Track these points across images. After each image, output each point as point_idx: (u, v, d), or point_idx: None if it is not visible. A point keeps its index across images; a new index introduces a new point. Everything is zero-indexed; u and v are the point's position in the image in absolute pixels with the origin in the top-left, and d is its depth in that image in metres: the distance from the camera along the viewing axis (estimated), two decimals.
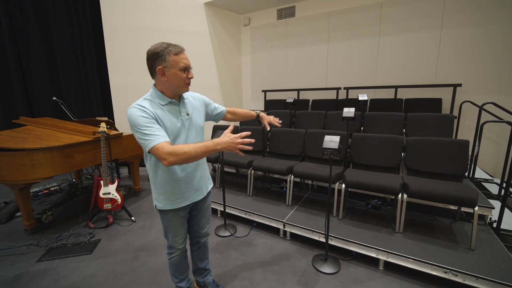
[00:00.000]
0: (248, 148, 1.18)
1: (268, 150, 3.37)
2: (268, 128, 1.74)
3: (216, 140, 1.16)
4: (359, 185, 2.29)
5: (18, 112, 4.59)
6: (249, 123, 4.08)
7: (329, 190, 1.98)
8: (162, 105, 1.24)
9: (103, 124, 2.71)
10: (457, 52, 3.66)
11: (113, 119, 4.61)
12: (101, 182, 2.68)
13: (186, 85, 1.26)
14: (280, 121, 1.81)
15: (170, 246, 1.49)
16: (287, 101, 3.68)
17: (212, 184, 1.57)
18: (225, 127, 3.39)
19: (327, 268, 1.94)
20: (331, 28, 4.64)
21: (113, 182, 2.74)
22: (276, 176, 3.32)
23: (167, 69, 1.19)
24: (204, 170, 1.45)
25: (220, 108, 1.62)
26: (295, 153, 3.10)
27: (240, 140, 1.16)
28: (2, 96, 4.61)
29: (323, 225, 2.23)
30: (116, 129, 3.51)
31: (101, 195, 2.67)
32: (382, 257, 1.94)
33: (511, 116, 2.70)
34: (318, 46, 4.82)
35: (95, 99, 5.30)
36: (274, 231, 2.50)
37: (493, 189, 2.89)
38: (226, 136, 1.17)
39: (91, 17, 4.99)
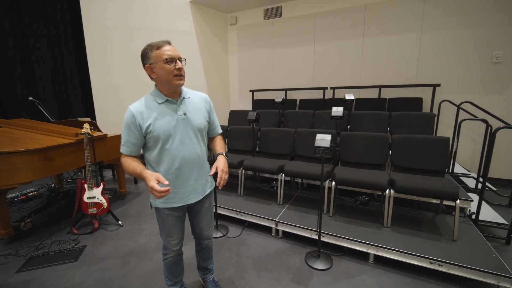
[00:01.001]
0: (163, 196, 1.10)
1: (258, 149, 3.37)
2: (212, 173, 1.32)
3: (147, 175, 1.13)
4: (349, 182, 2.35)
5: None
6: (238, 123, 4.07)
7: (321, 188, 2.02)
8: (159, 103, 1.25)
9: (86, 125, 2.59)
10: (436, 54, 3.85)
11: (95, 120, 4.43)
12: (85, 185, 2.56)
13: (175, 78, 1.21)
14: (222, 184, 1.30)
15: (165, 247, 1.48)
16: (275, 100, 3.71)
17: (211, 188, 1.50)
18: None
19: (320, 265, 1.98)
20: (317, 29, 4.72)
21: (98, 186, 2.63)
22: (267, 175, 3.34)
23: (153, 65, 1.20)
24: (201, 172, 1.39)
25: (216, 128, 1.51)
26: (285, 152, 3.13)
27: (156, 193, 1.07)
28: None
29: (315, 223, 2.26)
30: (100, 130, 3.37)
31: (85, 199, 2.55)
32: (372, 251, 2.00)
33: (486, 114, 2.87)
34: (305, 46, 4.89)
35: (75, 99, 5.05)
36: (267, 230, 2.51)
37: (470, 183, 3.07)
38: (151, 180, 1.09)
39: (69, 14, 4.75)
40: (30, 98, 3.37)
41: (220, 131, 1.54)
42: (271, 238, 2.41)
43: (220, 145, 1.49)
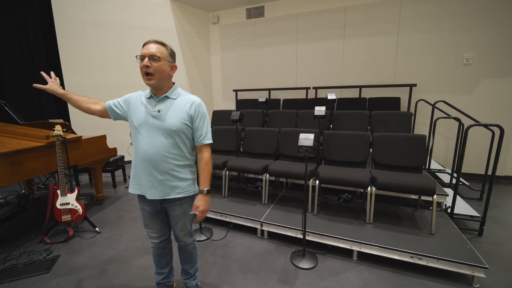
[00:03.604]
0: None
1: (242, 150, 3.34)
2: (192, 212, 1.40)
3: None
4: (332, 181, 2.38)
5: None
6: (222, 124, 4.02)
7: (305, 187, 2.02)
8: (147, 98, 1.36)
9: (58, 127, 2.42)
10: (412, 55, 4.02)
11: (69, 122, 4.19)
12: (58, 191, 2.40)
13: (144, 75, 1.29)
14: (199, 219, 1.44)
15: (148, 236, 1.54)
16: (259, 100, 3.69)
17: (185, 195, 1.39)
18: None
19: (305, 264, 1.98)
20: (299, 29, 4.77)
21: (72, 191, 2.47)
22: (251, 175, 3.31)
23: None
24: (161, 173, 1.32)
25: (201, 136, 1.38)
26: (269, 152, 3.12)
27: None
28: None
29: (299, 222, 2.27)
30: (74, 132, 3.18)
31: (58, 206, 2.39)
32: (356, 248, 2.03)
33: (458, 113, 3.03)
34: (287, 46, 4.92)
35: (47, 99, 4.75)
36: (252, 231, 2.48)
37: (445, 178, 3.22)
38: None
39: (39, 8, 4.45)
40: None
41: (207, 141, 1.39)
42: (256, 239, 2.39)
43: (204, 175, 1.39)
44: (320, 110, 2.68)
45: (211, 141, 1.41)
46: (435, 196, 2.04)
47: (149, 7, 4.64)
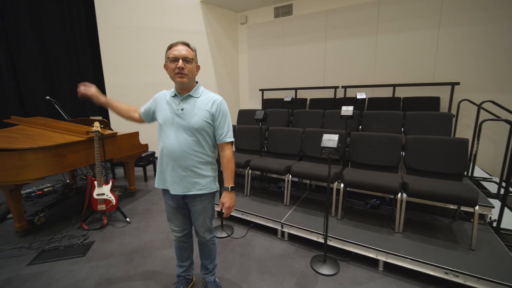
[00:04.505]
0: None
1: (265, 149, 3.32)
2: (219, 209, 1.45)
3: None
4: (357, 185, 2.26)
5: (10, 111, 4.49)
6: (247, 123, 4.04)
7: (327, 190, 1.95)
8: (171, 96, 1.42)
9: (96, 124, 2.64)
10: (455, 51, 3.64)
11: (108, 119, 4.54)
12: (95, 182, 2.62)
13: (176, 75, 1.32)
14: (226, 215, 1.47)
15: (171, 229, 1.60)
16: (284, 100, 3.64)
17: (206, 192, 1.44)
18: None
19: (325, 270, 1.90)
20: (328, 27, 4.61)
21: (107, 183, 2.68)
22: (274, 175, 3.28)
23: (166, 64, 1.36)
24: (183, 169, 1.37)
25: (222, 135, 1.41)
26: (293, 152, 3.06)
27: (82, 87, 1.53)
28: None
29: (321, 225, 2.19)
30: (110, 129, 3.44)
31: (95, 196, 2.61)
32: (382, 257, 1.90)
33: (509, 115, 2.68)
34: (315, 44, 4.79)
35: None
36: (272, 231, 2.46)
37: (492, 188, 2.87)
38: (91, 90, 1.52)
39: (85, 16, 4.91)
40: (47, 97, 3.50)
41: (228, 139, 1.42)
42: (276, 240, 2.36)
43: (227, 172, 1.43)
44: (347, 110, 2.55)
45: (232, 139, 1.45)
46: (477, 207, 1.83)
47: (181, 11, 4.84)
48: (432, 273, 1.73)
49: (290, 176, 2.64)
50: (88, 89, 1.52)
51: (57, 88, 4.94)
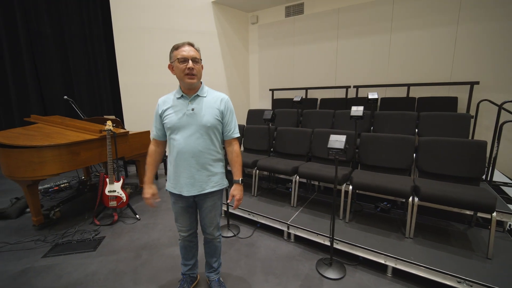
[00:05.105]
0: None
1: (273, 149, 3.30)
2: (229, 200, 1.59)
3: (146, 188, 1.49)
4: (367, 187, 2.19)
5: (32, 110, 4.74)
6: (256, 123, 4.04)
7: (334, 192, 1.90)
8: (177, 98, 1.41)
9: (109, 123, 2.73)
10: (474, 49, 3.47)
11: (122, 118, 4.68)
12: (107, 179, 2.70)
13: (186, 76, 1.33)
14: (236, 207, 1.59)
15: (177, 229, 1.62)
16: (294, 99, 3.60)
17: (215, 189, 1.48)
18: None
19: (331, 273, 1.86)
20: (340, 25, 4.52)
21: (118, 180, 2.76)
22: (282, 176, 3.26)
23: (173, 64, 1.36)
24: (199, 168, 1.41)
25: (230, 131, 1.48)
26: (301, 153, 3.03)
27: (147, 200, 1.49)
28: (17, 95, 4.77)
29: (329, 228, 2.14)
30: (123, 128, 3.54)
31: (106, 192, 2.69)
32: (391, 263, 1.84)
33: None
34: (327, 43, 4.71)
35: (106, 98, 5.40)
36: (278, 232, 2.44)
37: None
38: (146, 194, 1.49)
39: (102, 18, 5.09)
40: (65, 97, 3.65)
41: (235, 135, 1.50)
42: (282, 241, 2.34)
43: (236, 166, 1.51)
44: (357, 110, 2.49)
45: (239, 135, 1.52)
46: (494, 214, 1.72)
47: (192, 12, 4.90)
48: (444, 281, 1.65)
49: (298, 177, 2.61)
50: (154, 201, 1.51)
51: (75, 88, 5.15)
